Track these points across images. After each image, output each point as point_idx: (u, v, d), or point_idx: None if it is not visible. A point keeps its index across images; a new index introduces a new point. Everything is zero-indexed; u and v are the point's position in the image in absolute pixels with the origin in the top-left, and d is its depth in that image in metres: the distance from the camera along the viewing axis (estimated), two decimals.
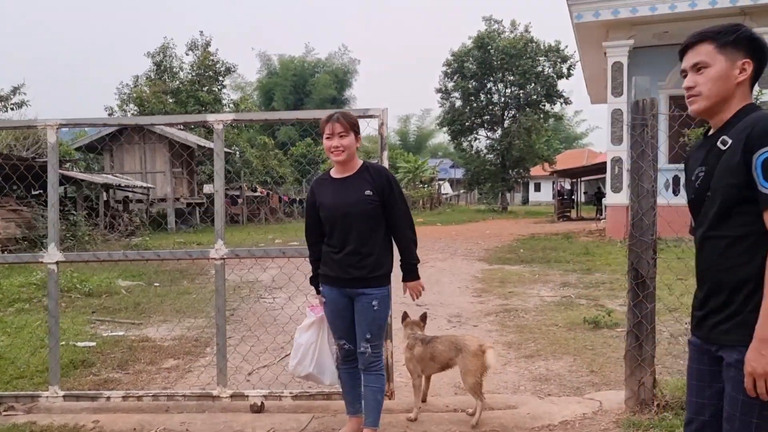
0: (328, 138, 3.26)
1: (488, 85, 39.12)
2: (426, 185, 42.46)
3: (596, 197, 30.91)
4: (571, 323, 6.31)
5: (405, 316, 4.09)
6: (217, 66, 31.42)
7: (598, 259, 11.59)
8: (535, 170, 44.25)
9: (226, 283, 9.37)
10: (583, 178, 36.53)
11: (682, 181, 15.25)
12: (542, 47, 37.37)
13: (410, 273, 3.38)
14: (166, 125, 4.92)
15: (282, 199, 29.97)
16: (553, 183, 50.49)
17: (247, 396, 4.05)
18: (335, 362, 3.59)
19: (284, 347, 5.58)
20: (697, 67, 2.02)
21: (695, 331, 2.13)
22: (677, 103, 17.19)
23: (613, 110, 15.67)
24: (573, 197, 33.97)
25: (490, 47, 37.29)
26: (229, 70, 31.66)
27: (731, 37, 1.98)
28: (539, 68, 37.32)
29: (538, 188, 59.15)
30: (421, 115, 67.89)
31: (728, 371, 1.95)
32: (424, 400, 4.02)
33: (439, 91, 39.64)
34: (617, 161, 15.61)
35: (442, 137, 62.37)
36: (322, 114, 4.02)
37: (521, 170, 39.78)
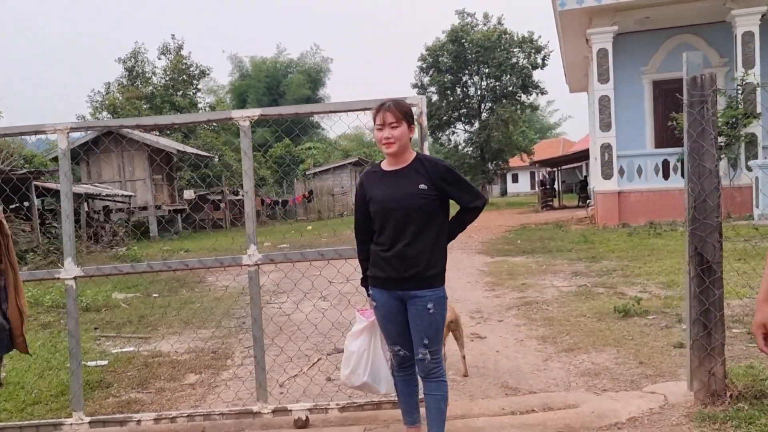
0: (379, 129, 3.01)
1: (464, 79, 39.11)
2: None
3: (581, 185, 31.02)
4: (598, 313, 6.15)
5: None
6: (191, 69, 30.82)
7: (599, 246, 11.50)
8: (513, 161, 44.37)
9: (228, 290, 9.04)
10: (562, 167, 36.73)
11: (673, 164, 15.34)
12: (516, 38, 37.46)
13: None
14: (183, 124, 4.62)
15: (264, 202, 29.49)
16: (532, 173, 50.76)
17: (291, 410, 3.78)
18: (390, 368, 3.35)
19: (309, 354, 5.34)
20: None
21: None
22: (660, 88, 17.30)
23: (600, 97, 15.65)
24: (555, 186, 34.09)
25: (464, 41, 37.32)
26: (203, 73, 31.13)
27: None
28: (514, 60, 37.42)
29: (515, 179, 59.39)
30: None
31: None
32: None
33: (415, 86, 39.50)
34: (607, 147, 15.60)
35: (417, 133, 62.15)
36: (354, 105, 3.80)
37: (500, 162, 39.81)
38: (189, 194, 26.19)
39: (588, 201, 25.78)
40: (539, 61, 37.24)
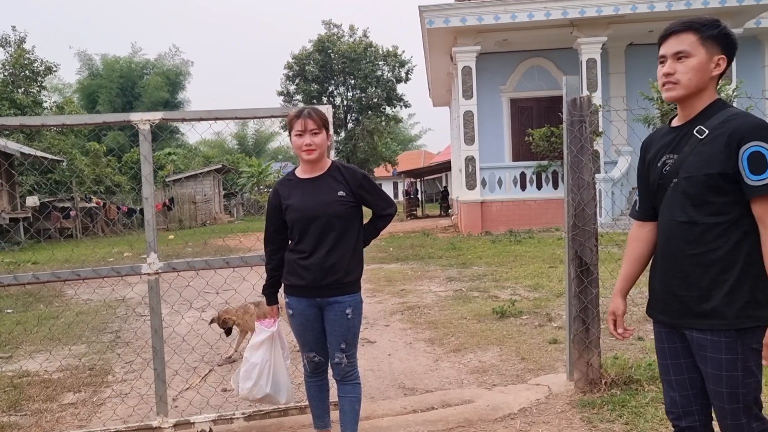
0: (298, 135, 3.04)
1: (330, 89, 39.52)
2: (271, 190, 41.73)
3: (442, 195, 32.53)
4: (478, 315, 6.54)
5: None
6: (35, 65, 28.26)
7: (467, 253, 12.16)
8: (377, 171, 45.45)
9: (92, 304, 8.48)
10: (424, 178, 38.25)
11: (529, 176, 16.60)
12: (381, 52, 38.56)
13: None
14: (75, 126, 4.18)
15: (120, 209, 27.69)
16: (395, 183, 52.24)
17: (193, 423, 3.67)
18: (305, 373, 3.38)
19: (198, 366, 5.18)
20: (679, 56, 2.07)
21: (659, 315, 2.22)
22: (516, 105, 18.68)
23: (465, 112, 16.57)
24: (418, 196, 35.37)
25: (330, 51, 37.76)
26: (50, 70, 28.62)
27: (714, 31, 2.05)
28: (379, 72, 38.49)
29: None
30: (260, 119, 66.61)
31: (703, 352, 2.08)
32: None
33: (281, 94, 39.35)
34: (470, 160, 16.53)
35: (282, 140, 61.81)
36: (266, 112, 3.80)
37: (366, 172, 40.59)
38: (33, 201, 23.95)
39: (450, 210, 27.09)
40: (403, 74, 38.63)
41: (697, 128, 2.08)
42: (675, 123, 2.20)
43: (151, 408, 3.89)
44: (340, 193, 3.07)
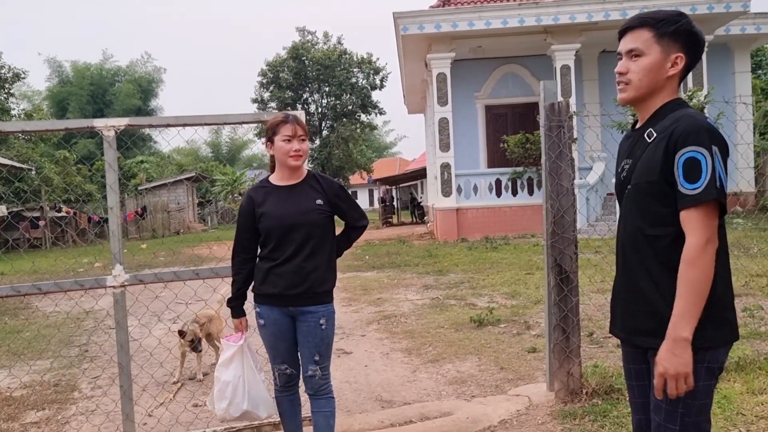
0: (287, 140, 2.94)
1: (305, 96, 39.33)
2: (243, 196, 41.36)
3: (412, 203, 32.60)
4: (455, 324, 6.46)
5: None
6: (3, 72, 27.59)
7: (443, 260, 12.09)
8: (352, 179, 45.31)
9: (58, 317, 8.23)
10: (400, 185, 38.25)
11: (504, 183, 16.61)
12: (356, 59, 38.51)
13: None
14: (36, 132, 4.02)
15: (91, 219, 27.14)
16: (371, 191, 52.26)
17: None
18: (275, 388, 3.24)
19: (167, 381, 5.02)
20: (632, 54, 1.94)
21: (618, 331, 2.08)
22: (491, 112, 18.75)
23: (440, 119, 16.55)
24: (394, 203, 35.33)
25: (304, 58, 37.59)
26: (18, 77, 27.96)
27: (671, 27, 1.90)
28: (354, 79, 38.41)
29: (355, 197, 60.60)
30: (234, 126, 66.14)
31: (654, 367, 1.91)
32: None
33: (255, 101, 38.95)
34: (446, 167, 16.51)
35: (256, 148, 61.50)
36: (236, 118, 3.68)
37: (341, 179, 40.47)
38: (0, 210, 23.35)
39: (425, 217, 27.07)
40: (378, 82, 38.61)
41: (647, 131, 1.94)
42: (638, 125, 2.06)
43: (117, 426, 3.73)
44: (318, 201, 3.00)
